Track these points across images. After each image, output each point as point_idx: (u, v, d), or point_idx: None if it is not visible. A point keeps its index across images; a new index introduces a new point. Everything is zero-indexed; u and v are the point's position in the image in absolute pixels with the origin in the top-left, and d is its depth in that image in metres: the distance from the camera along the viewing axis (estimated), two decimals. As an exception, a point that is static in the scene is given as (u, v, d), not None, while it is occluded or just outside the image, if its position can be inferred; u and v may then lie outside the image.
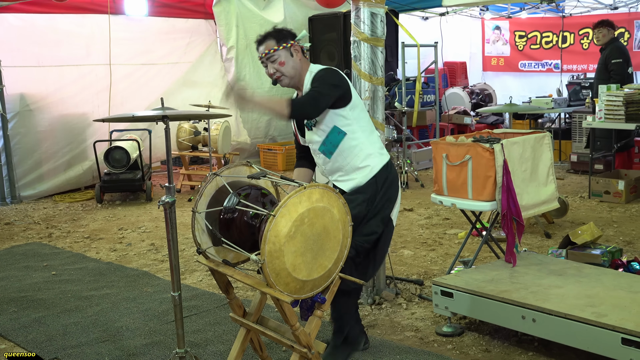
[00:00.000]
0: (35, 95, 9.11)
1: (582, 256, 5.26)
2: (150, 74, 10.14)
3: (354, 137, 3.74)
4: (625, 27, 13.39)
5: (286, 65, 3.70)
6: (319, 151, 3.81)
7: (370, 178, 3.75)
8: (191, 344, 4.29)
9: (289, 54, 3.69)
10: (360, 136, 3.76)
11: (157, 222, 7.72)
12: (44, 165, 9.23)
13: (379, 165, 3.78)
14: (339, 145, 3.74)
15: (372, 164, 3.77)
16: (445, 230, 6.93)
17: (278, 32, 3.74)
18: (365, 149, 3.77)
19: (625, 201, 7.83)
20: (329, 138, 3.74)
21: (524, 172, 4.82)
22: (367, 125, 3.85)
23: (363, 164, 3.76)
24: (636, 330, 3.43)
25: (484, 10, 14.65)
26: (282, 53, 3.68)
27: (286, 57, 3.69)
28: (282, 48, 3.67)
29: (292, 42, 3.70)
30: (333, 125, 3.72)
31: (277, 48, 3.67)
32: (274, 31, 3.75)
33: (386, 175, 3.79)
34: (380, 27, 4.82)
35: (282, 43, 3.67)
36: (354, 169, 3.76)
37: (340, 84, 3.69)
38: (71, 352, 4.27)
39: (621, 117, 7.75)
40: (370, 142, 3.81)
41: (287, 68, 3.70)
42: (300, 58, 3.74)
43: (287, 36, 3.72)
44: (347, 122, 3.73)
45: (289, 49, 3.69)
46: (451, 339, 4.27)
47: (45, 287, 5.59)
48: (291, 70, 3.72)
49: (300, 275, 3.04)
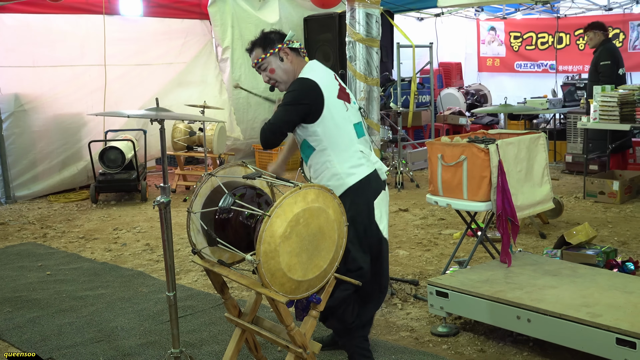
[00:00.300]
0: (30, 96, 9.09)
1: (577, 256, 5.27)
2: (145, 74, 10.13)
3: (322, 153, 3.67)
4: (619, 28, 13.43)
5: (277, 72, 3.67)
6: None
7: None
8: (186, 344, 4.29)
9: (278, 58, 3.65)
10: (329, 153, 3.66)
11: (152, 222, 7.71)
12: (39, 165, 9.21)
13: (342, 187, 3.65)
14: (309, 158, 3.74)
15: (334, 185, 3.63)
16: (441, 231, 6.93)
17: (264, 38, 3.69)
18: (331, 168, 3.67)
19: (620, 202, 7.85)
20: (302, 147, 3.76)
21: (519, 173, 4.83)
22: (340, 141, 3.69)
23: (328, 182, 3.64)
24: (630, 330, 3.44)
25: (479, 11, 14.68)
26: (271, 59, 3.65)
27: (275, 63, 3.65)
28: (269, 55, 3.63)
29: (279, 47, 3.65)
30: (303, 139, 3.71)
31: (265, 56, 3.64)
32: (260, 38, 3.70)
33: (352, 199, 3.65)
34: (375, 28, 4.83)
35: (269, 50, 3.63)
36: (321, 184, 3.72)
37: (306, 102, 3.59)
38: (66, 352, 4.26)
39: (616, 118, 7.77)
40: (339, 161, 3.67)
41: (278, 74, 3.68)
42: (292, 60, 3.70)
43: (274, 41, 3.67)
44: (316, 138, 3.65)
45: (277, 54, 3.64)
46: (446, 339, 4.27)
47: (40, 287, 5.58)
48: (283, 75, 3.69)
49: (296, 276, 3.04)
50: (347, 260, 3.62)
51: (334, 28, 10.52)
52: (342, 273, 3.59)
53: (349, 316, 3.72)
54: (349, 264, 3.64)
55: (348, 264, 3.64)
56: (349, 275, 3.60)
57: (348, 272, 3.61)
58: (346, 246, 3.56)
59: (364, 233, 3.72)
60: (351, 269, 3.65)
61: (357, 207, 3.68)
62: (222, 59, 10.88)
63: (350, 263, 3.65)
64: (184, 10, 10.54)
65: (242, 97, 11.01)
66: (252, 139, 11.35)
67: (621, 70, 9.04)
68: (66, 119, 9.42)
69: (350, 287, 3.66)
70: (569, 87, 11.65)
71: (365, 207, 3.73)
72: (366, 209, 3.73)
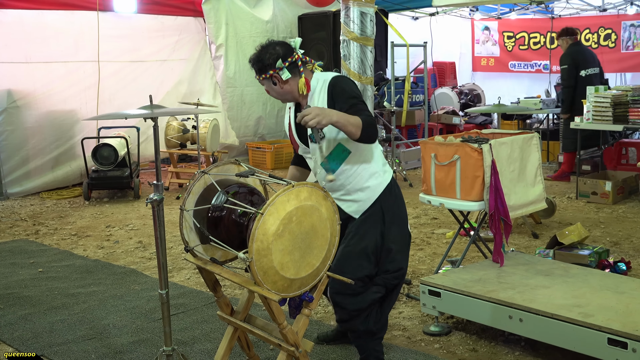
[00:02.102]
0: (23, 92, 9.06)
1: (569, 256, 5.28)
2: (139, 71, 10.11)
3: (358, 155, 3.60)
4: (612, 29, 13.47)
5: (271, 92, 3.61)
6: (321, 166, 3.64)
7: (375, 200, 3.63)
8: (178, 342, 4.29)
9: (271, 83, 3.55)
10: (364, 155, 3.62)
11: (145, 220, 7.70)
12: (31, 162, 9.18)
13: (382, 184, 3.65)
14: (342, 164, 3.60)
15: (374, 184, 3.63)
16: (433, 230, 6.94)
17: (258, 61, 3.54)
18: (368, 168, 3.63)
19: (613, 202, 7.87)
20: (332, 155, 3.59)
21: (512, 173, 4.84)
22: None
23: (366, 184, 3.62)
24: (622, 330, 3.45)
25: (473, 11, 14.70)
26: (265, 82, 3.57)
27: (269, 86, 3.57)
28: (263, 78, 3.56)
29: (270, 73, 3.51)
30: (338, 142, 3.57)
31: (259, 78, 3.57)
32: (255, 61, 3.56)
33: (390, 198, 3.67)
34: (369, 27, 4.83)
35: (262, 74, 3.54)
36: (356, 189, 3.63)
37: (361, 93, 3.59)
38: (57, 349, 4.25)
39: (609, 119, 7.79)
40: (374, 160, 3.66)
41: (272, 94, 3.62)
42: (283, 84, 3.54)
43: (267, 66, 3.51)
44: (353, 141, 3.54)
45: (270, 79, 3.54)
46: (438, 338, 4.28)
47: (31, 284, 5.57)
48: (277, 96, 3.62)
49: (288, 274, 3.04)
50: (388, 259, 3.64)
51: (328, 26, 10.52)
52: (379, 273, 3.64)
53: (373, 319, 3.70)
54: (388, 265, 3.65)
55: (387, 264, 3.64)
56: (389, 276, 3.64)
57: (387, 273, 3.64)
58: (388, 246, 3.63)
59: (404, 229, 3.75)
60: (390, 269, 3.66)
61: (399, 204, 3.73)
62: (215, 57, 10.87)
63: (390, 263, 3.65)
64: (178, 7, 10.52)
65: (236, 94, 10.99)
66: (246, 137, 11.34)
67: (583, 72, 9.10)
68: (59, 115, 9.39)
69: (381, 290, 3.66)
70: (562, 88, 11.66)
71: (402, 203, 3.78)
72: (403, 205, 3.78)
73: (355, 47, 4.80)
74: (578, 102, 8.83)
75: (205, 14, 10.57)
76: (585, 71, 9.12)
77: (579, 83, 8.99)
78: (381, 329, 3.81)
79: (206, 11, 10.55)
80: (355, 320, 3.67)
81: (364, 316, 3.67)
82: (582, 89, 8.75)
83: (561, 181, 9.26)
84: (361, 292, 3.61)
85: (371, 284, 3.65)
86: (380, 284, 3.66)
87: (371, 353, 3.78)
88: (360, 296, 3.61)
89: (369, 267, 3.61)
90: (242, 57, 10.94)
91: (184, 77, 10.69)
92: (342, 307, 3.65)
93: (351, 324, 3.71)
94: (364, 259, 3.59)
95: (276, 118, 11.69)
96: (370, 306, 3.66)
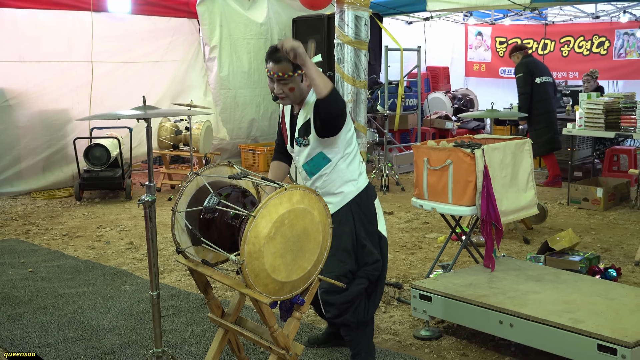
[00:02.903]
0: (15, 91, 9.02)
1: (560, 262, 5.30)
2: (132, 72, 10.08)
3: (336, 164, 3.77)
4: (606, 36, 13.54)
5: (296, 91, 3.66)
6: (302, 167, 3.85)
7: (344, 205, 3.79)
8: (168, 343, 4.28)
9: (301, 79, 3.64)
10: (341, 164, 3.78)
11: (137, 221, 7.68)
12: (23, 161, 9.14)
13: (353, 193, 3.81)
14: (321, 170, 3.78)
15: (346, 190, 3.80)
16: (425, 234, 6.95)
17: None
18: (344, 177, 3.80)
19: (604, 208, 7.89)
20: (313, 160, 3.77)
21: (504, 178, 4.85)
22: (352, 150, 3.83)
23: (338, 190, 3.80)
24: (612, 336, 3.46)
25: (467, 16, 14.74)
26: (297, 79, 3.63)
27: (297, 83, 3.64)
28: (297, 75, 3.62)
29: (300, 71, 3.61)
30: (319, 151, 3.74)
31: (293, 75, 3.61)
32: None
33: (361, 202, 3.83)
34: (364, 31, 4.84)
35: (298, 70, 3.60)
36: (328, 193, 3.79)
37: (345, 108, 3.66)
38: (47, 350, 4.23)
39: (601, 125, 7.83)
40: (350, 171, 3.81)
41: (296, 94, 3.68)
42: (308, 84, 3.68)
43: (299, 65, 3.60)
44: (334, 150, 3.74)
45: (302, 75, 3.63)
46: (429, 343, 4.28)
47: (21, 284, 5.54)
48: (298, 96, 3.70)
49: (280, 277, 3.03)
50: (364, 254, 3.80)
51: (323, 30, 10.52)
52: (360, 268, 3.80)
53: (362, 309, 3.83)
54: (366, 257, 3.80)
55: (366, 257, 3.80)
56: (369, 268, 3.80)
57: (366, 265, 3.79)
58: (362, 243, 3.79)
59: (373, 230, 3.88)
60: (369, 261, 3.81)
61: (368, 206, 3.87)
62: (209, 58, 10.85)
63: (368, 256, 3.80)
64: (172, 8, 10.51)
65: (229, 96, 10.98)
66: (239, 139, 11.33)
67: (538, 80, 9.29)
68: (51, 115, 9.36)
69: (364, 282, 3.80)
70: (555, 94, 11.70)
71: (373, 207, 3.91)
72: (373, 208, 3.91)
73: (350, 50, 4.82)
74: (535, 108, 9.17)
75: (200, 15, 10.55)
76: (539, 79, 9.32)
77: (535, 89, 9.23)
78: (371, 320, 3.92)
79: (200, 12, 10.53)
80: (345, 314, 3.78)
81: (353, 308, 3.79)
82: (537, 95, 9.19)
83: (554, 187, 9.29)
84: (346, 287, 3.73)
85: (354, 278, 3.79)
86: (363, 277, 3.81)
87: (362, 348, 3.87)
88: (345, 290, 3.73)
89: (350, 262, 3.77)
90: (236, 59, 10.94)
91: (177, 78, 10.67)
92: (331, 304, 3.76)
93: (342, 318, 3.81)
94: (345, 256, 3.75)
95: (269, 120, 11.68)
96: (356, 297, 3.79)
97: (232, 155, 11.22)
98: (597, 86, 10.72)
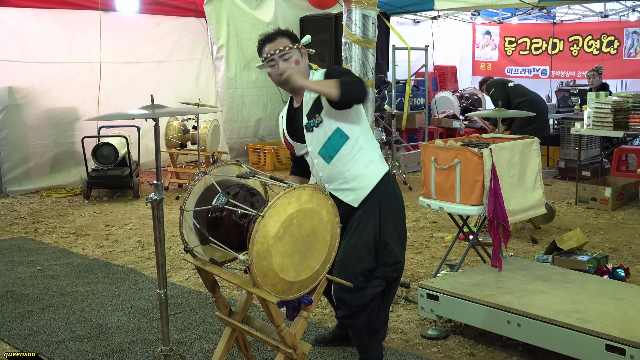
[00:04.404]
0: (24, 90, 9.07)
1: (568, 262, 5.29)
2: (139, 70, 10.11)
3: (356, 141, 3.60)
4: (614, 35, 13.49)
5: (300, 64, 3.57)
6: (319, 155, 3.62)
7: (372, 190, 3.61)
8: (176, 342, 4.29)
9: (301, 54, 3.59)
10: (362, 141, 3.62)
11: (144, 220, 7.70)
12: (31, 160, 9.19)
13: (379, 173, 3.65)
14: (340, 149, 3.57)
15: (372, 171, 3.63)
16: (433, 234, 6.94)
17: (289, 32, 3.62)
18: (366, 155, 3.63)
19: (612, 208, 7.87)
20: (330, 141, 3.57)
21: (512, 177, 4.84)
22: (368, 129, 3.71)
23: (364, 171, 3.61)
24: (620, 336, 3.45)
25: (475, 15, 14.71)
26: (296, 53, 3.56)
27: (299, 57, 3.57)
28: (295, 47, 3.56)
29: (301, 45, 3.61)
30: (336, 127, 3.56)
31: (292, 47, 3.55)
32: (285, 30, 3.62)
33: (387, 190, 3.66)
34: (371, 29, 4.84)
35: (296, 43, 3.57)
36: (354, 176, 3.61)
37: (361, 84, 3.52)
38: (55, 347, 4.25)
39: (609, 125, 7.80)
40: (372, 148, 3.67)
41: (301, 67, 3.57)
42: (307, 62, 3.65)
43: (296, 39, 3.61)
44: (351, 126, 3.59)
45: (300, 50, 3.59)
46: (436, 342, 4.28)
47: (30, 282, 5.57)
48: (304, 71, 3.58)
49: (288, 276, 3.04)
50: (385, 253, 3.62)
51: (330, 29, 10.52)
52: (378, 267, 3.62)
53: (376, 314, 3.70)
54: (387, 257, 3.63)
55: (386, 257, 3.63)
56: (388, 269, 3.63)
57: (385, 266, 3.62)
58: (385, 240, 3.60)
59: (400, 224, 3.73)
60: (389, 262, 3.64)
61: (396, 197, 3.71)
62: (217, 57, 10.87)
63: (388, 256, 3.63)
64: (180, 7, 10.53)
65: (236, 95, 11.00)
66: (246, 138, 11.35)
67: (510, 84, 9.40)
68: (59, 114, 9.40)
69: (381, 283, 3.65)
70: (563, 93, 11.69)
71: (400, 197, 3.75)
72: (401, 199, 3.76)
73: (357, 49, 4.82)
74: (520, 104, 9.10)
75: (207, 14, 10.58)
76: (511, 83, 9.42)
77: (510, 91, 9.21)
78: (382, 326, 3.80)
79: (208, 12, 10.56)
80: (357, 316, 3.65)
81: (367, 313, 3.66)
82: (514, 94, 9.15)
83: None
84: (363, 287, 3.60)
85: (371, 278, 3.64)
86: (380, 277, 3.64)
87: (371, 354, 3.79)
88: (361, 291, 3.60)
89: (369, 260, 3.60)
90: (243, 58, 10.96)
91: (184, 77, 10.69)
92: (345, 303, 3.63)
93: (353, 321, 3.68)
94: (365, 252, 3.59)
95: (276, 120, 11.67)
96: (371, 301, 3.64)
97: (240, 154, 11.24)
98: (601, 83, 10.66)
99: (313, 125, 3.58)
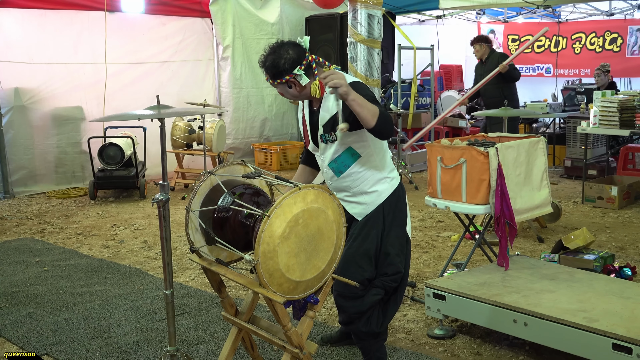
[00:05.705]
0: (30, 91, 9.09)
1: (575, 261, 5.28)
2: (145, 71, 10.12)
3: (367, 160, 3.59)
4: (618, 33, 13.45)
5: (285, 95, 3.54)
6: (328, 167, 3.64)
7: (378, 206, 3.63)
8: (182, 342, 4.29)
9: (286, 86, 3.48)
10: (373, 159, 3.61)
11: (151, 220, 7.71)
12: (38, 161, 9.21)
13: (388, 191, 3.66)
14: (351, 167, 3.59)
15: (380, 189, 3.64)
16: (439, 233, 6.94)
17: (274, 67, 3.43)
18: (377, 174, 3.64)
19: (618, 207, 7.85)
20: (341, 157, 3.58)
21: (518, 176, 4.83)
22: (381, 146, 3.67)
23: (371, 189, 3.63)
24: (627, 335, 3.44)
25: (480, 14, 14.67)
26: (279, 87, 3.50)
27: (283, 89, 3.51)
28: (277, 83, 3.48)
29: (287, 78, 3.43)
30: (348, 146, 3.56)
31: (273, 83, 3.49)
32: (270, 67, 3.45)
33: (394, 201, 3.68)
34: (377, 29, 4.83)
35: (277, 79, 3.45)
36: (362, 192, 3.63)
37: (390, 119, 3.45)
38: (62, 348, 4.26)
39: (615, 124, 7.77)
40: (382, 166, 3.66)
41: (287, 97, 3.56)
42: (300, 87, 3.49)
43: (283, 72, 3.42)
44: (363, 144, 3.56)
45: (285, 84, 3.47)
46: (442, 342, 4.28)
47: (36, 282, 5.58)
48: (291, 97, 3.56)
49: (294, 276, 3.04)
50: (385, 263, 3.64)
51: (336, 28, 10.52)
52: (378, 276, 3.65)
53: (375, 320, 3.71)
54: (387, 267, 3.65)
55: (386, 267, 3.64)
56: (387, 278, 3.64)
57: (385, 276, 3.64)
58: (387, 250, 3.63)
59: (402, 234, 3.73)
60: (389, 272, 3.65)
61: (400, 207, 3.72)
62: (222, 58, 10.89)
63: (388, 267, 3.65)
64: (185, 8, 10.54)
65: (242, 95, 11.01)
66: (252, 138, 11.35)
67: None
68: (65, 114, 9.42)
69: (380, 292, 3.67)
70: (569, 92, 11.66)
71: (405, 205, 3.77)
72: (405, 207, 3.77)
73: (363, 49, 4.81)
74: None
75: (213, 14, 10.59)
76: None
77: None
78: (384, 329, 3.82)
79: (213, 12, 10.57)
80: (357, 322, 3.69)
81: (365, 318, 3.68)
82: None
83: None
84: (361, 296, 3.64)
85: (370, 287, 3.66)
86: (379, 286, 3.67)
87: (374, 355, 3.80)
88: (360, 299, 3.63)
89: (369, 269, 3.63)
90: (248, 59, 10.96)
91: (190, 78, 10.70)
92: (344, 310, 3.69)
93: (353, 326, 3.73)
94: (365, 261, 3.61)
95: (282, 120, 11.71)
96: (370, 309, 3.67)
97: (245, 154, 11.25)
98: (610, 81, 10.62)
99: (327, 140, 3.58)
